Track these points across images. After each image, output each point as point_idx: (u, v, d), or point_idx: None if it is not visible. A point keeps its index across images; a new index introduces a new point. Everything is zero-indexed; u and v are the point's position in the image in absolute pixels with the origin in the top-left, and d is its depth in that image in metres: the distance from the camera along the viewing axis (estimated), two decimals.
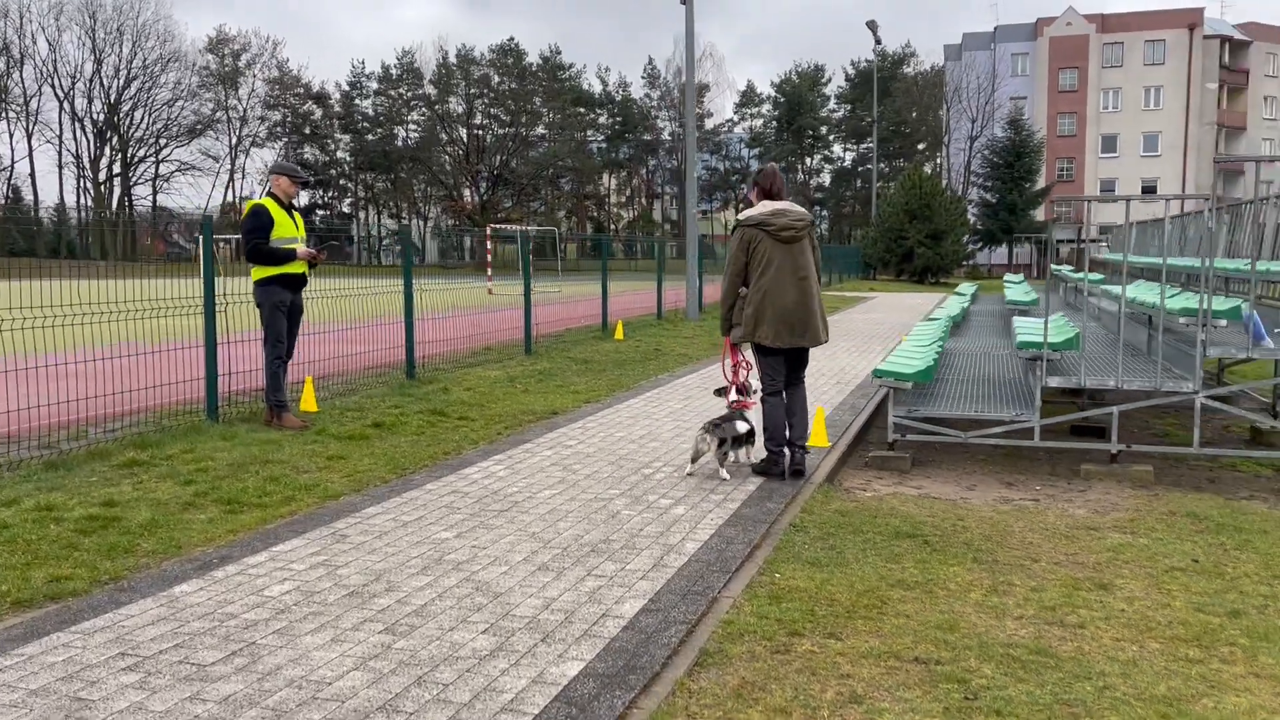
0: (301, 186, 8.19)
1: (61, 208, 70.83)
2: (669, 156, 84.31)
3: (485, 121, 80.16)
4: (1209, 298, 6.61)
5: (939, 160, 71.57)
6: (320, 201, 79.84)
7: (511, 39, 79.80)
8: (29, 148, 72.81)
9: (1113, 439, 6.97)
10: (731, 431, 6.44)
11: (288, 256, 7.70)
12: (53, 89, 68.55)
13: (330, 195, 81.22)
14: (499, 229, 45.54)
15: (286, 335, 7.78)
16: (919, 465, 7.34)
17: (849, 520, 5.55)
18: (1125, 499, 6.26)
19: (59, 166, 69.87)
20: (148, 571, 4.53)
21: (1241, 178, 70.10)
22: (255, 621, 3.91)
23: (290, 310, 7.81)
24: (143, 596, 4.18)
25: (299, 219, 8.02)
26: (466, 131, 79.40)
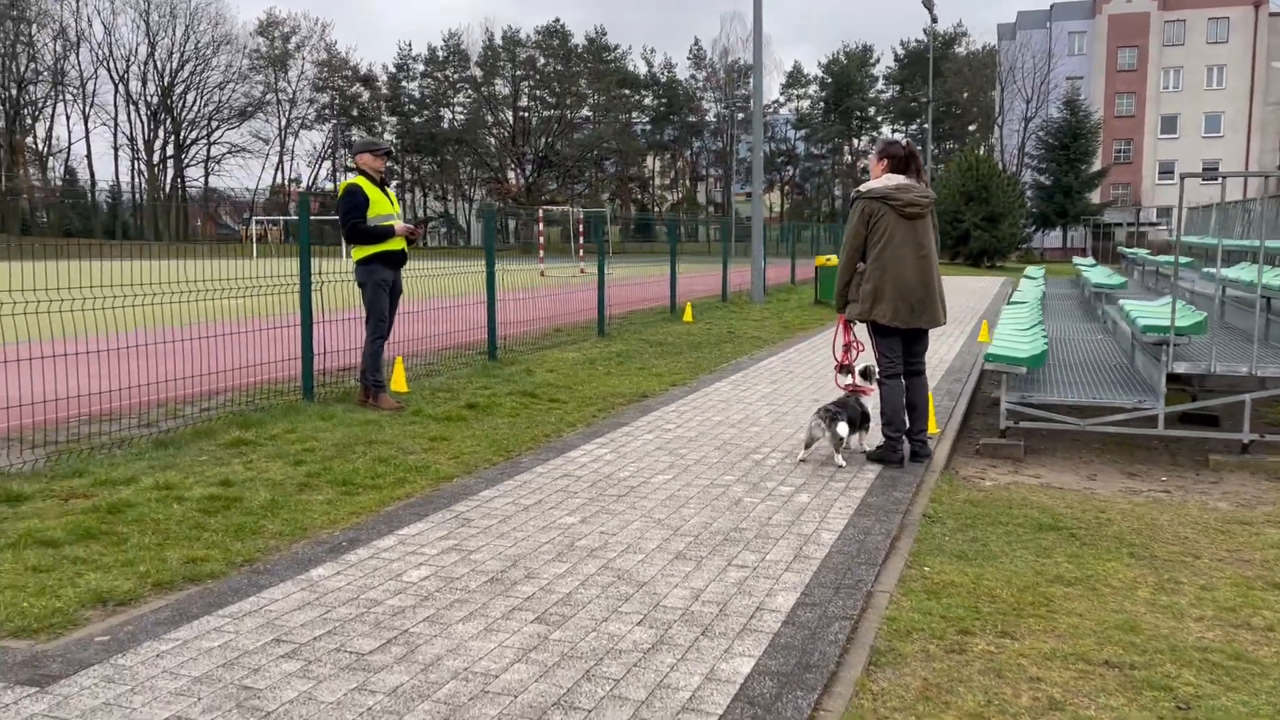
0: (386, 157, 8.03)
1: (117, 189, 71.89)
2: (713, 138, 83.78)
3: (530, 104, 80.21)
4: None
5: (991, 141, 70.26)
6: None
7: (558, 20, 79.89)
8: (85, 130, 74.12)
9: (1245, 428, 6.66)
10: (847, 417, 6.22)
11: (386, 234, 7.59)
12: (108, 71, 69.70)
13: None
14: (550, 210, 45.45)
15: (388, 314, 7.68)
16: (1032, 453, 7.09)
17: (983, 511, 5.33)
18: (1266, 492, 5.98)
19: (114, 148, 71.06)
20: (279, 554, 4.43)
21: None
22: (402, 608, 3.79)
23: (391, 289, 7.71)
24: (281, 580, 4.08)
25: (393, 195, 7.91)
26: (512, 114, 79.47)
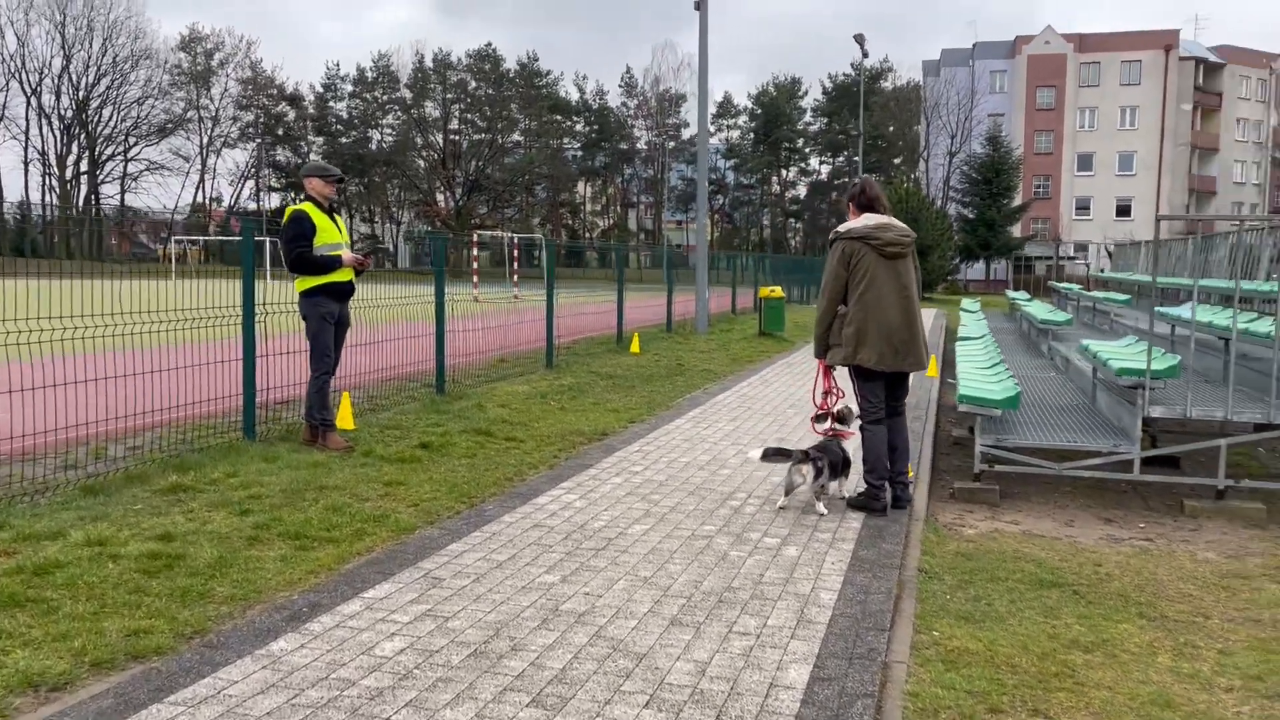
0: (336, 184, 7.59)
1: (26, 205, 69.10)
2: (645, 165, 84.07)
3: (461, 127, 79.44)
4: None
5: (916, 175, 71.77)
6: (291, 203, 78.70)
7: (489, 44, 79.28)
8: None
9: (1220, 474, 6.60)
10: (828, 462, 5.98)
11: (333, 264, 7.16)
12: (20, 84, 66.92)
13: (301, 197, 79.92)
14: (484, 235, 44.87)
15: (334, 349, 7.24)
16: (1006, 497, 6.94)
17: (978, 565, 5.12)
18: (1250, 541, 5.89)
19: (24, 163, 68.11)
20: (233, 622, 3.99)
21: (1214, 198, 71.05)
22: (379, 690, 3.40)
23: (338, 322, 7.27)
24: (239, 656, 3.65)
25: (342, 223, 7.49)
26: (442, 136, 78.59)
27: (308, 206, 7.26)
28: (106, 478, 6.02)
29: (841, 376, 6.30)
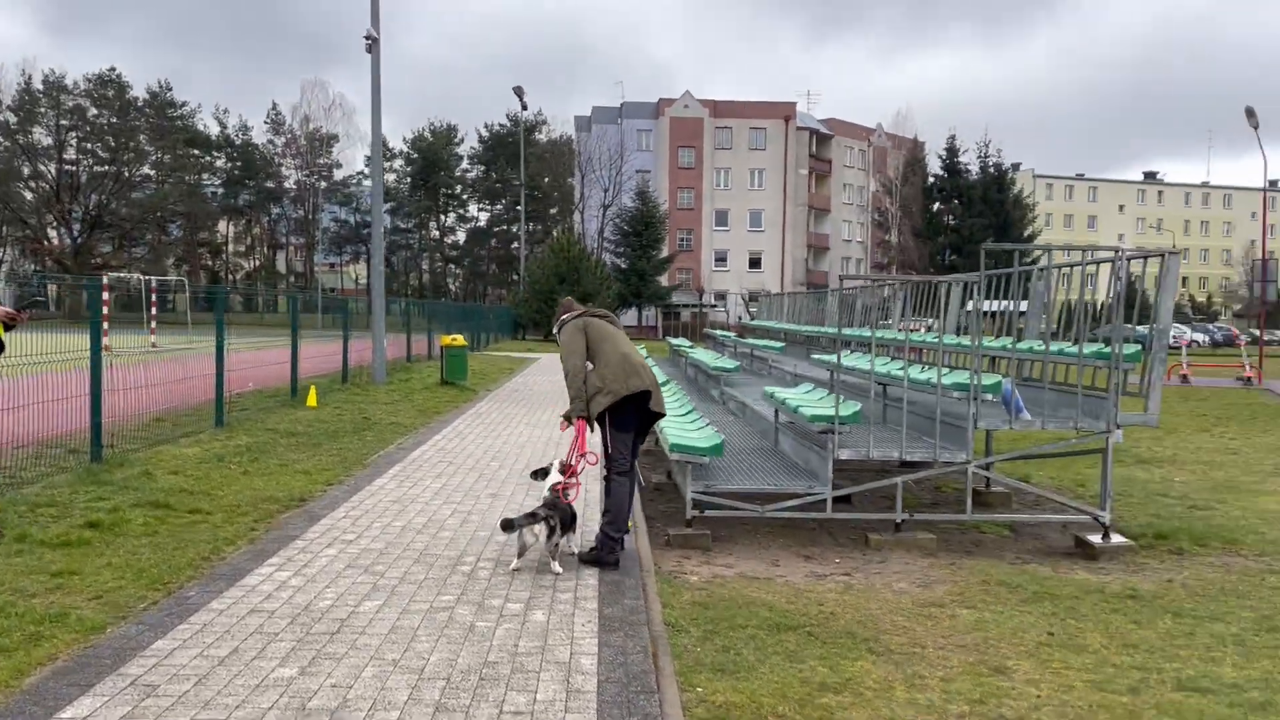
0: None
1: None
2: (294, 205, 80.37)
3: (79, 157, 71.48)
4: (979, 375, 7.20)
5: (571, 225, 74.44)
6: None
7: (113, 69, 71.93)
8: None
9: (898, 508, 7.32)
10: (559, 520, 5.94)
11: None
12: None
13: None
14: (114, 276, 40.43)
15: None
16: (717, 541, 7.25)
17: (716, 614, 5.28)
18: (930, 569, 6.57)
19: None
20: None
21: (828, 253, 79.94)
22: None
23: None
24: None
25: None
26: (56, 166, 70.25)
27: None
28: None
29: (594, 440, 6.34)
